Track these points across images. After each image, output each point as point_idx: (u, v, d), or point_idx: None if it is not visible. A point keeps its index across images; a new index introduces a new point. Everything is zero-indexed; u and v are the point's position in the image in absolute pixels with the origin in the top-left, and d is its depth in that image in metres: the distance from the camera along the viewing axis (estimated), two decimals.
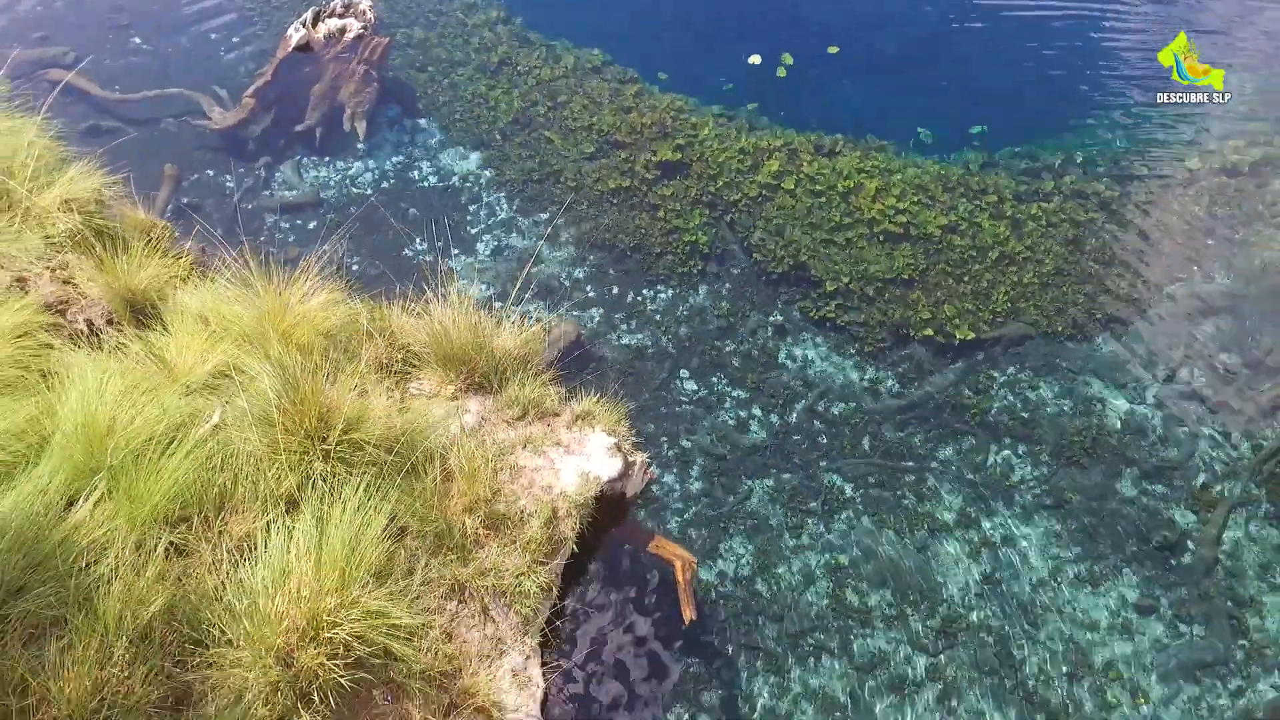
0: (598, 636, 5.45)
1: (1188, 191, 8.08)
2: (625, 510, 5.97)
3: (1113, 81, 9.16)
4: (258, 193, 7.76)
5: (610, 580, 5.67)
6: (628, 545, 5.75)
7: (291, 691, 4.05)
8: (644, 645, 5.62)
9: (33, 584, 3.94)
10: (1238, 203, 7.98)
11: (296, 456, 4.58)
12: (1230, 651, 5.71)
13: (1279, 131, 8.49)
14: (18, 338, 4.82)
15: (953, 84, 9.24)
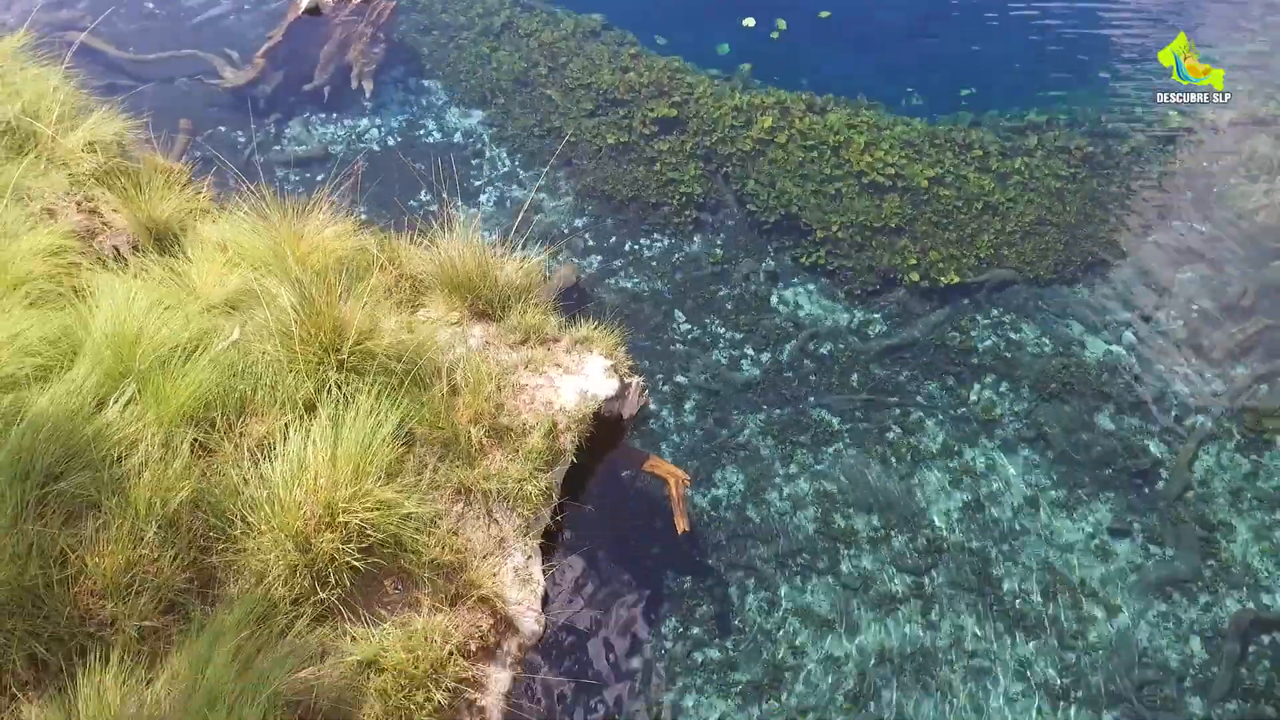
0: (594, 549, 5.73)
1: (1168, 148, 8.35)
2: (622, 433, 6.27)
3: (1107, 54, 9.40)
4: (269, 148, 8.05)
5: (607, 498, 5.96)
6: (625, 468, 6.04)
7: (309, 574, 4.35)
8: (639, 560, 5.91)
9: (70, 471, 4.24)
10: (1217, 158, 8.25)
11: (312, 365, 4.88)
12: (1199, 570, 5.99)
13: (1258, 92, 8.75)
14: (50, 255, 5.12)
15: (945, 51, 9.50)
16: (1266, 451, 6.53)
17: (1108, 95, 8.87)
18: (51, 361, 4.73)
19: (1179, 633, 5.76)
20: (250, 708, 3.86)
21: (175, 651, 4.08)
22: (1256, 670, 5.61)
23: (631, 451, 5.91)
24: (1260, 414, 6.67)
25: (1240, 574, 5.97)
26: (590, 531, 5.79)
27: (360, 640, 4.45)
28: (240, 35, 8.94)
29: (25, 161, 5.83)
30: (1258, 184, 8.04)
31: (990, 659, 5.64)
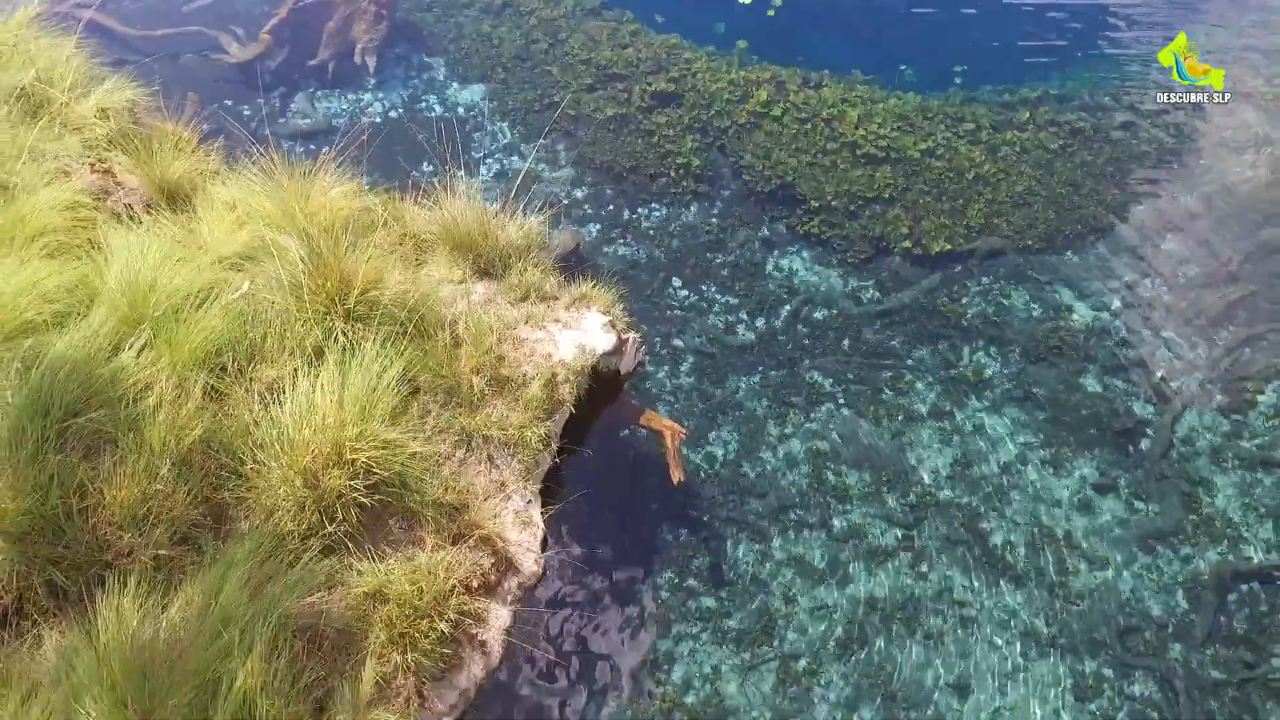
0: (592, 502, 5.87)
1: (1157, 122, 8.51)
2: (619, 388, 6.43)
3: (1102, 40, 9.54)
4: (274, 121, 8.20)
5: (605, 454, 6.12)
6: (622, 423, 6.21)
7: (317, 510, 4.52)
8: (636, 514, 6.08)
9: (88, 409, 4.41)
10: (1203, 132, 8.40)
11: (320, 314, 5.04)
12: (1182, 524, 6.15)
13: (1244, 67, 8.90)
14: (66, 209, 5.29)
15: (941, 31, 9.65)
16: (1249, 412, 6.69)
17: (1099, 74, 9.02)
18: (69, 308, 4.90)
19: (1161, 584, 5.92)
20: (261, 629, 4.02)
21: (189, 581, 4.24)
22: (1235, 618, 5.77)
23: (628, 406, 6.07)
24: (1243, 376, 6.83)
25: (1221, 528, 6.13)
26: (588, 486, 5.95)
27: (366, 573, 4.61)
28: (245, 12, 9.09)
29: (39, 125, 5.99)
30: (1244, 156, 8.20)
31: (977, 609, 5.81)
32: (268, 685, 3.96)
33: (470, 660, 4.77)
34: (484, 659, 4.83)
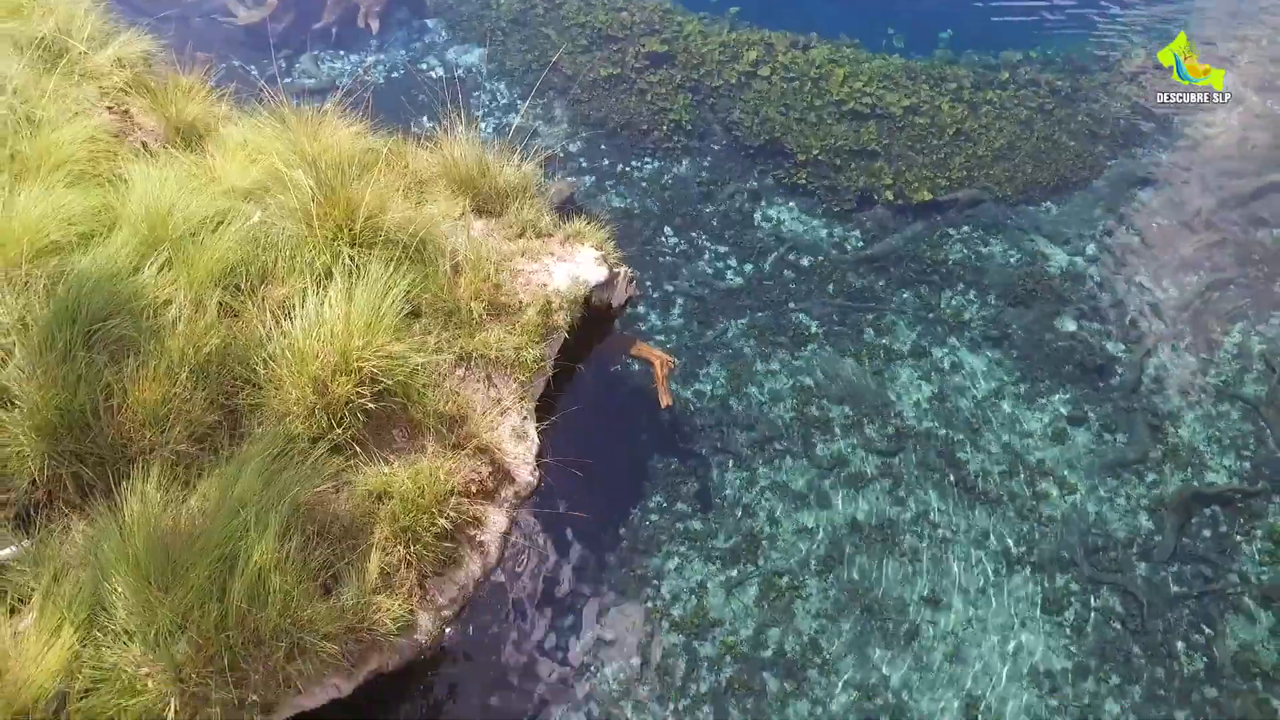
0: (586, 433, 6.16)
1: (1133, 83, 8.79)
2: (611, 323, 6.73)
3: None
4: (280, 81, 8.48)
5: (597, 385, 6.42)
6: (614, 355, 6.50)
7: (325, 414, 4.82)
8: (628, 443, 6.38)
9: (112, 318, 4.70)
10: (1178, 93, 8.67)
11: (328, 239, 5.33)
12: (1148, 453, 6.44)
13: (1218, 33, 9.18)
14: (86, 142, 5.58)
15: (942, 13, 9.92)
16: (1216, 351, 6.97)
17: (1081, 41, 9.30)
18: (92, 231, 5.19)
19: (1127, 507, 6.21)
20: (275, 512, 4.33)
21: (207, 475, 4.55)
22: (1197, 539, 6.06)
23: (620, 338, 6.37)
24: (1211, 317, 7.12)
25: (1186, 456, 6.42)
26: (582, 417, 6.23)
27: (371, 475, 4.91)
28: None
29: (59, 71, 6.28)
30: (1216, 114, 8.48)
31: (952, 530, 6.10)
32: (280, 563, 4.26)
33: (469, 559, 5.07)
34: (482, 559, 5.12)
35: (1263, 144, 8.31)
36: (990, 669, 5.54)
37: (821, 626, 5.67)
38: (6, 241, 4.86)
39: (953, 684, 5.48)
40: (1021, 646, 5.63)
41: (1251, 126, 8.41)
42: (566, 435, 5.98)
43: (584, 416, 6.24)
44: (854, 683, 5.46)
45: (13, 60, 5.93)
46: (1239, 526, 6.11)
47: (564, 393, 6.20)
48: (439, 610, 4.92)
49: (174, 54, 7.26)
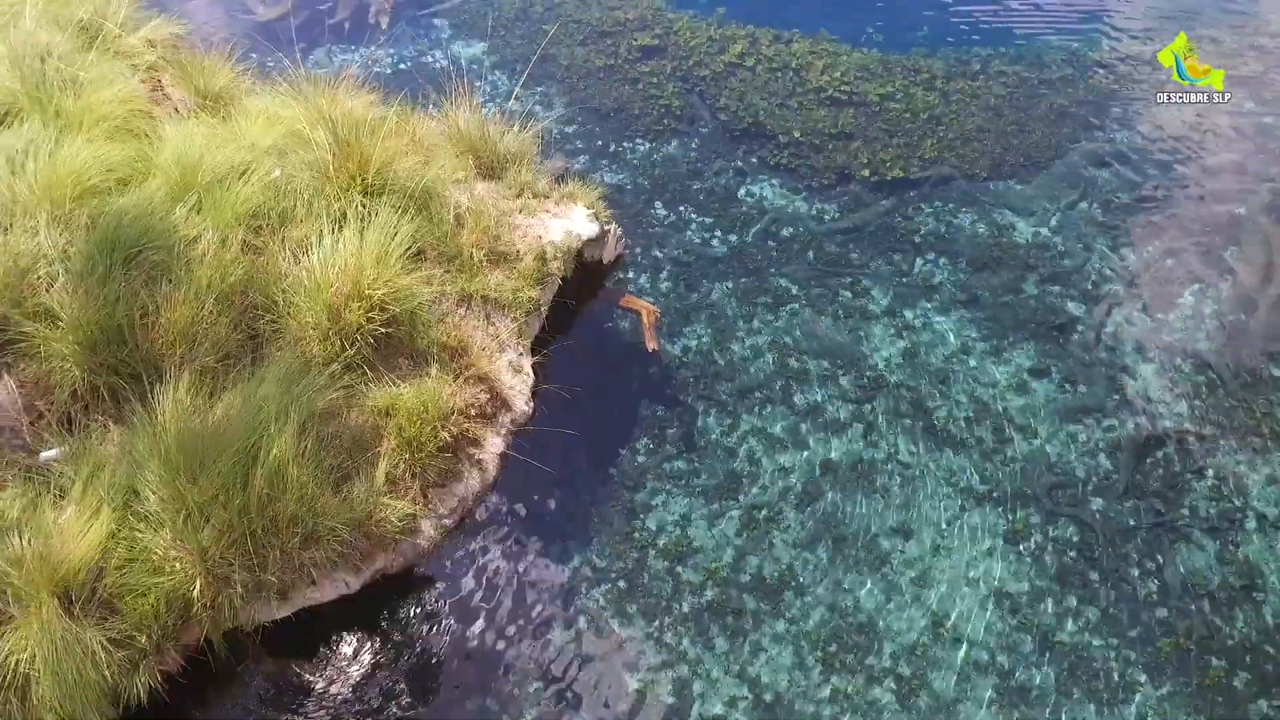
0: (576, 379, 6.54)
1: (1098, 71, 9.36)
2: (602, 279, 7.21)
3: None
4: (294, 71, 9.06)
5: (589, 337, 6.88)
6: (606, 313, 6.97)
7: (339, 338, 5.31)
8: (616, 391, 6.82)
9: (148, 246, 5.20)
10: (1141, 80, 9.24)
11: (343, 188, 5.83)
12: (1105, 402, 6.86)
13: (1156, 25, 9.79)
14: (123, 101, 6.10)
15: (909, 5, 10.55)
16: (1170, 312, 7.42)
17: (1051, 42, 9.90)
18: (129, 177, 5.71)
19: (1086, 449, 6.62)
20: (293, 412, 4.78)
21: (230, 389, 5.01)
22: (1150, 477, 6.46)
23: (610, 291, 6.83)
24: (1166, 281, 7.59)
25: (1141, 404, 6.84)
26: (573, 365, 6.68)
27: (380, 393, 5.37)
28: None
29: (96, 48, 6.84)
30: (1172, 99, 9.03)
31: (921, 470, 6.50)
32: (298, 456, 4.71)
33: (468, 474, 5.51)
34: (480, 476, 5.57)
35: (1216, 128, 8.84)
36: (955, 592, 5.91)
37: (797, 554, 6.05)
38: (53, 184, 5.37)
39: (920, 605, 5.85)
40: (985, 572, 6.01)
41: (1206, 112, 8.95)
42: (558, 381, 6.43)
43: (576, 366, 6.70)
44: (827, 603, 5.83)
45: (56, 34, 6.48)
46: (1189, 466, 6.51)
47: (557, 343, 6.66)
48: (440, 518, 5.35)
49: (198, 39, 7.82)
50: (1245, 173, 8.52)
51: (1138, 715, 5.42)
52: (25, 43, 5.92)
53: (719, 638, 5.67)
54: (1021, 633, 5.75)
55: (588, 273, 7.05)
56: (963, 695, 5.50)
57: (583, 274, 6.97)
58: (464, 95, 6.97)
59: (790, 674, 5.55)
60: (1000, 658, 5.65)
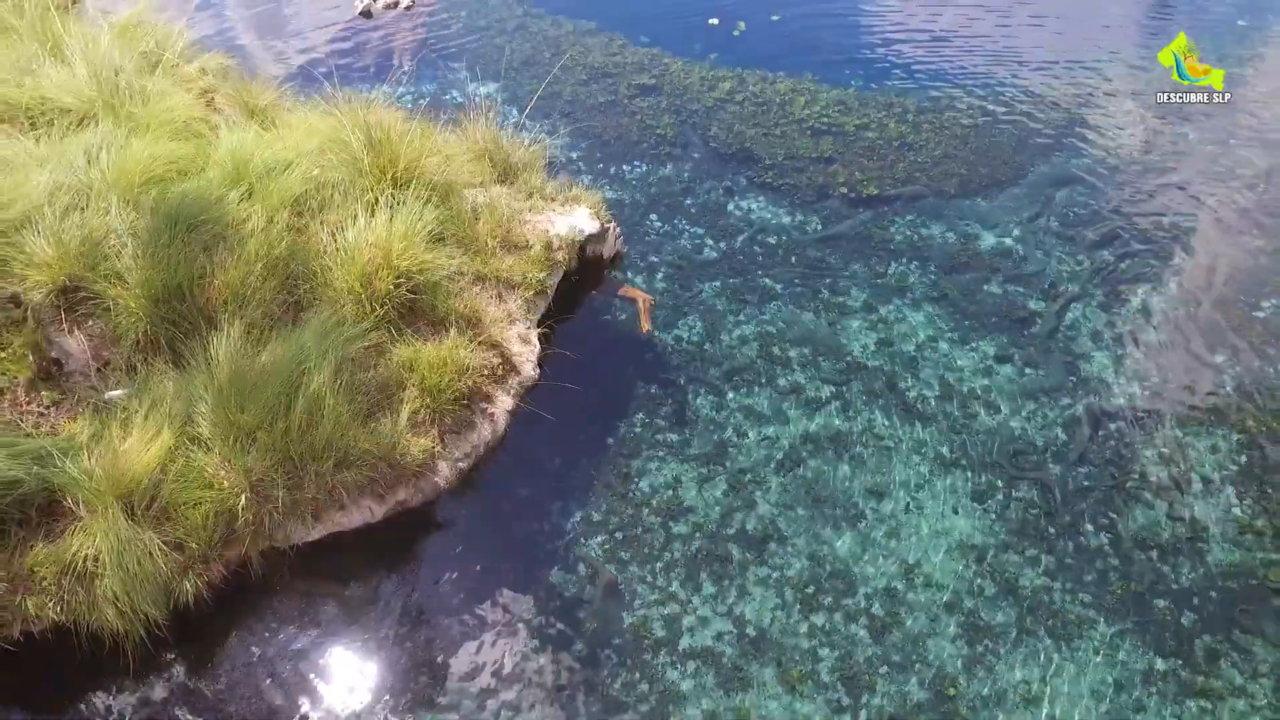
0: (578, 362, 7.21)
1: (1058, 104, 10.30)
2: (602, 273, 7.94)
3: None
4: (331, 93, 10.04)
5: (590, 326, 7.58)
6: (606, 304, 7.68)
7: (370, 301, 6.02)
8: (615, 373, 7.46)
9: (205, 222, 5.97)
10: (1089, 118, 10.15)
11: (375, 180, 6.63)
12: (1063, 383, 7.48)
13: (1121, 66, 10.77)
14: (183, 109, 6.98)
15: (883, 52, 11.60)
16: (1121, 308, 8.10)
17: (1010, 82, 10.89)
18: (188, 169, 6.53)
19: (1045, 423, 7.21)
20: (330, 353, 5.48)
21: (273, 342, 5.70)
22: (1104, 446, 7.03)
23: (610, 281, 7.56)
24: (1117, 282, 8.30)
25: (1095, 385, 7.46)
26: (576, 345, 7.34)
27: (404, 349, 6.06)
28: (306, 27, 11.17)
29: (157, 74, 7.77)
30: (1124, 130, 9.92)
31: (892, 440, 7.08)
32: (333, 390, 5.38)
33: (481, 425, 6.15)
34: (491, 428, 6.21)
35: (1163, 154, 9.70)
36: (924, 544, 6.42)
37: (779, 511, 6.59)
38: (123, 173, 6.19)
39: (891, 555, 6.36)
40: (952, 527, 6.53)
41: (1158, 134, 9.84)
42: (561, 358, 7.10)
43: (578, 347, 7.37)
44: (806, 553, 6.35)
45: (125, 58, 7.41)
46: (1140, 437, 7.09)
47: (560, 329, 7.35)
48: (455, 461, 5.96)
49: (244, 71, 8.79)
50: (1189, 191, 9.34)
51: (1092, 649, 5.88)
52: (103, 60, 6.83)
53: (707, 582, 6.18)
54: (985, 579, 6.25)
55: (589, 267, 7.80)
56: (931, 632, 5.97)
57: (585, 268, 7.71)
58: (481, 114, 7.87)
59: (772, 613, 6.03)
60: (966, 600, 6.14)
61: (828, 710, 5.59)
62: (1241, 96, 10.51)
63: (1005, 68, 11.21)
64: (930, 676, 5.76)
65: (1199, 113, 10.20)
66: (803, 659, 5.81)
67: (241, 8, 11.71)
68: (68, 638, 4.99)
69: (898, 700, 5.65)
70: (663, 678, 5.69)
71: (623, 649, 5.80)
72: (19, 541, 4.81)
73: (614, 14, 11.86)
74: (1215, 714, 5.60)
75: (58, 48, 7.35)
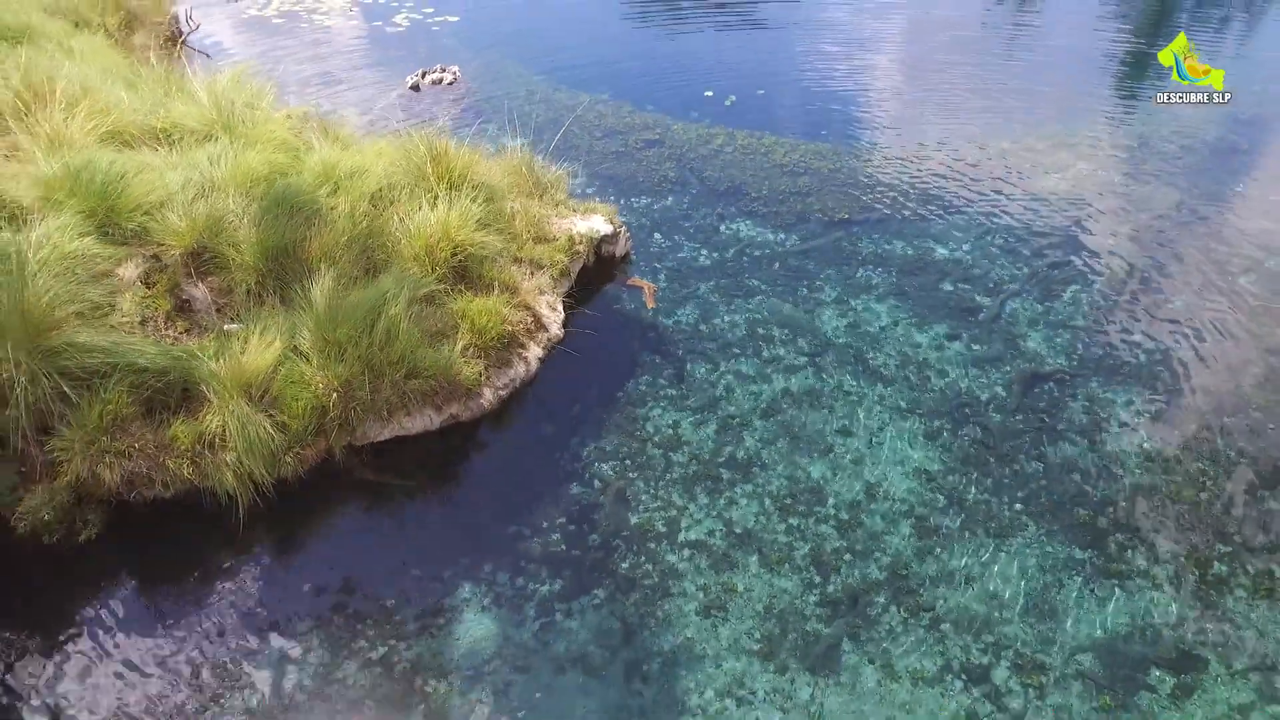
0: (593, 338, 8.68)
1: (1003, 155, 12.09)
2: (613, 270, 9.49)
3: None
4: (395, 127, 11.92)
5: (604, 305, 9.07)
6: (616, 290, 9.23)
7: (431, 265, 7.56)
8: (623, 348, 8.89)
9: (303, 204, 7.61)
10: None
11: (435, 182, 8.30)
12: (1004, 354, 8.85)
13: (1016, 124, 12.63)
14: (281, 128, 8.75)
15: (856, 114, 13.58)
16: (1055, 301, 9.56)
17: (963, 134, 12.78)
18: (287, 172, 8.23)
19: (987, 384, 8.54)
20: (403, 293, 7.00)
21: (357, 288, 7.22)
22: (1036, 399, 8.33)
23: (621, 274, 9.09)
24: (1052, 283, 9.79)
25: (1030, 355, 8.83)
26: (591, 325, 8.82)
27: (457, 301, 7.57)
28: (366, 99, 13.24)
29: (255, 118, 9.61)
30: (1051, 175, 11.66)
31: (859, 395, 8.41)
32: (405, 319, 6.87)
33: (517, 364, 7.59)
34: (525, 368, 7.66)
35: (1088, 190, 11.40)
36: (885, 469, 7.66)
37: (762, 445, 7.87)
38: (238, 173, 7.89)
39: (857, 477, 7.59)
40: (908, 457, 7.78)
41: (1101, 167, 11.56)
42: (579, 335, 8.55)
43: (593, 325, 8.84)
44: (785, 476, 7.59)
45: (236, 94, 9.27)
46: (1067, 394, 8.40)
47: (579, 310, 8.85)
48: (497, 389, 7.38)
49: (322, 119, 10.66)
50: (1118, 218, 10.96)
51: (1023, 544, 7.03)
52: (221, 93, 8.70)
53: (701, 495, 7.41)
54: (935, 494, 7.46)
55: (604, 263, 9.38)
56: (889, 531, 7.15)
57: (600, 264, 9.28)
58: (514, 143, 9.65)
59: (755, 517, 7.24)
60: (919, 509, 7.33)
61: (801, 585, 6.73)
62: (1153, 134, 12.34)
63: (963, 129, 13.11)
64: (887, 562, 6.91)
65: (1123, 149, 11.99)
66: (780, 549, 6.98)
67: (308, 85, 13.88)
68: (192, 503, 6.31)
69: (860, 579, 6.78)
70: (664, 561, 6.86)
71: (631, 540, 7.00)
72: (163, 420, 6.19)
73: (624, 88, 13.98)
74: (1124, 588, 6.71)
75: (179, 90, 9.25)
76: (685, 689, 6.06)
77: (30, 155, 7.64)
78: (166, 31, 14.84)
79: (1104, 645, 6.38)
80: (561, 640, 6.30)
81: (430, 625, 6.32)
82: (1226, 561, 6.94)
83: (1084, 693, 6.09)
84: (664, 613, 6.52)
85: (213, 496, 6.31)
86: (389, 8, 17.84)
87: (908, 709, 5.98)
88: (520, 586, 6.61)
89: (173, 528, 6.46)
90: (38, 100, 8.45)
